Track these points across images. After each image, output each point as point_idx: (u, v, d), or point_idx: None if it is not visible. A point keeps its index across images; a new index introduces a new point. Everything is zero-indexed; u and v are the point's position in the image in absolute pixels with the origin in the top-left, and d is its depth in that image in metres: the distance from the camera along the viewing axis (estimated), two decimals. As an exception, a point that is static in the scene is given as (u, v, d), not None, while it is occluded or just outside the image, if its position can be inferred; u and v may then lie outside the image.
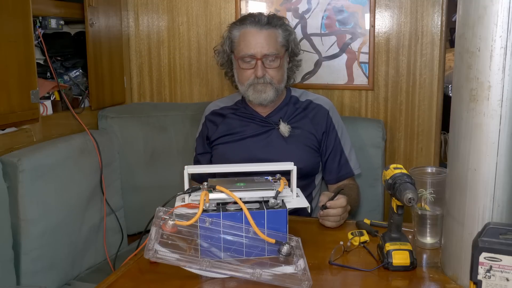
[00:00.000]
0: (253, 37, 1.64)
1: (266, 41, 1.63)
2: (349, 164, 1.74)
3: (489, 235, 0.91)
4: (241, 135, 1.72)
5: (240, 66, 1.66)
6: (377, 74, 2.07)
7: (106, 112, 2.08)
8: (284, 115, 1.73)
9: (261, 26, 1.65)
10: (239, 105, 1.79)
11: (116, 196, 2.01)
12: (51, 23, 1.79)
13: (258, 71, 1.62)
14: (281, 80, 1.68)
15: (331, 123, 1.73)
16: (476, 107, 0.98)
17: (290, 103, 1.76)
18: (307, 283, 1.02)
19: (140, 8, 2.29)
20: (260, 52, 1.62)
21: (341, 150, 1.74)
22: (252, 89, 1.66)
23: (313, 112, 1.74)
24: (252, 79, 1.64)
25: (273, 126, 1.71)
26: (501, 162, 0.97)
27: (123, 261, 1.23)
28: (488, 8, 0.94)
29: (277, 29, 1.67)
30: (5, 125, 1.62)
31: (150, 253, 1.04)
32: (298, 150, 1.67)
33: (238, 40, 1.67)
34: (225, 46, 1.72)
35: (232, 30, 1.70)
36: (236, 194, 1.14)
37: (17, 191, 1.53)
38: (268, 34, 1.65)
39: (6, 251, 1.50)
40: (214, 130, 1.77)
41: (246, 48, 1.64)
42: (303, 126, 1.71)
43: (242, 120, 1.75)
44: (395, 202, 1.14)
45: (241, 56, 1.65)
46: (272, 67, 1.64)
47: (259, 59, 1.62)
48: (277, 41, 1.66)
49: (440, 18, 1.97)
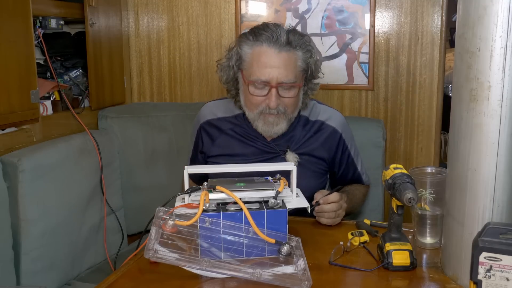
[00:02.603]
0: (269, 59, 1.40)
1: (284, 66, 1.40)
2: (361, 178, 1.66)
3: (489, 235, 0.91)
4: (241, 159, 1.54)
5: (250, 92, 1.43)
6: (377, 74, 2.07)
7: (106, 112, 2.08)
8: (291, 141, 1.53)
9: (279, 48, 1.40)
10: (239, 121, 1.57)
11: (116, 196, 2.01)
12: (51, 23, 1.79)
13: (272, 101, 1.40)
14: (295, 109, 1.49)
15: (343, 145, 1.59)
16: (476, 107, 0.98)
17: (299, 126, 1.55)
18: (307, 283, 1.02)
19: (140, 8, 2.29)
20: (276, 79, 1.39)
21: (354, 167, 1.63)
22: (262, 120, 1.46)
23: (324, 135, 1.56)
24: (263, 108, 1.43)
25: (279, 153, 1.52)
26: (501, 162, 0.97)
27: (123, 261, 1.23)
28: (488, 8, 0.94)
29: (297, 51, 1.43)
30: (5, 125, 1.62)
31: (150, 253, 1.04)
32: (305, 179, 1.45)
33: (250, 60, 1.43)
34: (231, 62, 1.47)
35: (242, 46, 1.45)
36: (236, 194, 1.14)
37: (17, 191, 1.53)
38: (288, 57, 1.41)
39: (6, 251, 1.50)
40: (210, 145, 1.58)
41: (260, 73, 1.40)
42: (312, 151, 1.55)
43: (242, 141, 1.56)
44: (395, 202, 1.14)
45: (252, 80, 1.42)
46: (288, 97, 1.43)
47: (274, 87, 1.40)
48: (296, 66, 1.43)
49: (440, 18, 1.97)
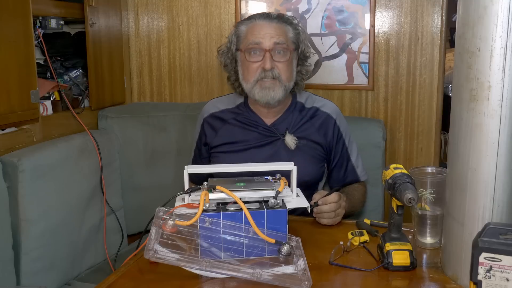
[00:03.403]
0: (262, 27, 1.56)
1: (275, 31, 1.55)
2: (355, 171, 1.69)
3: (489, 235, 0.91)
4: (244, 145, 1.63)
5: (247, 59, 1.56)
6: (377, 74, 2.07)
7: (106, 112, 2.08)
8: (289, 124, 1.63)
9: (270, 19, 1.57)
10: (241, 109, 1.68)
11: (116, 196, 2.01)
12: (51, 23, 1.79)
13: (267, 62, 1.52)
14: (289, 78, 1.58)
15: (338, 132, 1.66)
16: (476, 107, 0.98)
17: (296, 110, 1.66)
18: (307, 283, 1.02)
19: (140, 8, 2.29)
20: (269, 42, 1.53)
21: (347, 158, 1.68)
22: (258, 86, 1.55)
23: (319, 121, 1.65)
24: (260, 73, 1.54)
25: (279, 137, 1.61)
26: (501, 162, 0.97)
27: (123, 261, 1.23)
28: (488, 8, 0.94)
29: (287, 25, 1.59)
30: (5, 125, 1.62)
31: (150, 253, 1.04)
32: (304, 162, 1.56)
33: (245, 34, 1.58)
34: (230, 45, 1.62)
35: (239, 26, 1.62)
36: (236, 194, 1.14)
37: (17, 191, 1.53)
38: (278, 27, 1.57)
39: (6, 251, 1.50)
40: (213, 136, 1.67)
41: (254, 38, 1.54)
42: (309, 136, 1.63)
43: (244, 128, 1.65)
44: (395, 202, 1.14)
45: (248, 47, 1.55)
46: (281, 61, 1.54)
47: (267, 51, 1.52)
48: (287, 35, 1.58)
49: (440, 18, 1.97)
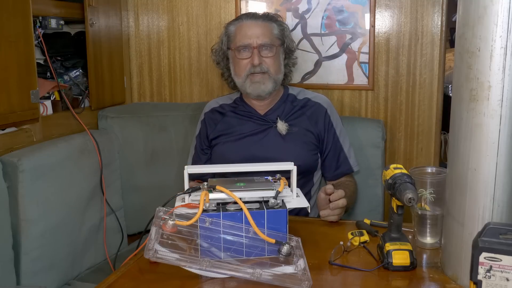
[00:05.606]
0: (249, 28, 1.69)
1: (261, 31, 1.68)
2: (348, 161, 1.75)
3: (489, 235, 0.91)
4: (239, 134, 1.73)
5: (237, 56, 1.69)
6: (377, 74, 2.07)
7: (106, 112, 2.08)
8: (281, 113, 1.73)
9: (256, 19, 1.71)
10: (238, 103, 1.81)
11: (116, 196, 2.01)
12: (51, 23, 1.79)
13: (255, 58, 1.65)
14: (278, 71, 1.70)
15: (329, 121, 1.74)
16: (476, 107, 0.98)
17: (288, 101, 1.76)
18: (307, 283, 1.02)
19: (140, 8, 2.29)
20: (256, 42, 1.66)
21: (340, 147, 1.74)
22: (249, 81, 1.68)
23: (310, 110, 1.75)
24: (249, 68, 1.66)
25: (271, 124, 1.72)
26: (501, 162, 0.97)
27: (123, 261, 1.23)
28: (488, 8, 0.94)
29: (272, 23, 1.72)
30: (5, 125, 1.62)
31: (150, 253, 1.04)
32: (296, 147, 1.68)
33: (235, 34, 1.71)
34: (221, 44, 1.76)
35: (228, 26, 1.75)
36: (236, 194, 1.14)
37: (17, 191, 1.53)
38: (264, 25, 1.70)
39: (6, 251, 1.50)
40: (213, 128, 1.78)
41: (243, 38, 1.67)
42: (301, 124, 1.72)
43: (240, 118, 1.77)
44: (395, 202, 1.14)
45: (237, 46, 1.68)
46: (268, 56, 1.67)
47: (255, 48, 1.65)
48: (272, 33, 1.70)
49: (440, 18, 1.97)
